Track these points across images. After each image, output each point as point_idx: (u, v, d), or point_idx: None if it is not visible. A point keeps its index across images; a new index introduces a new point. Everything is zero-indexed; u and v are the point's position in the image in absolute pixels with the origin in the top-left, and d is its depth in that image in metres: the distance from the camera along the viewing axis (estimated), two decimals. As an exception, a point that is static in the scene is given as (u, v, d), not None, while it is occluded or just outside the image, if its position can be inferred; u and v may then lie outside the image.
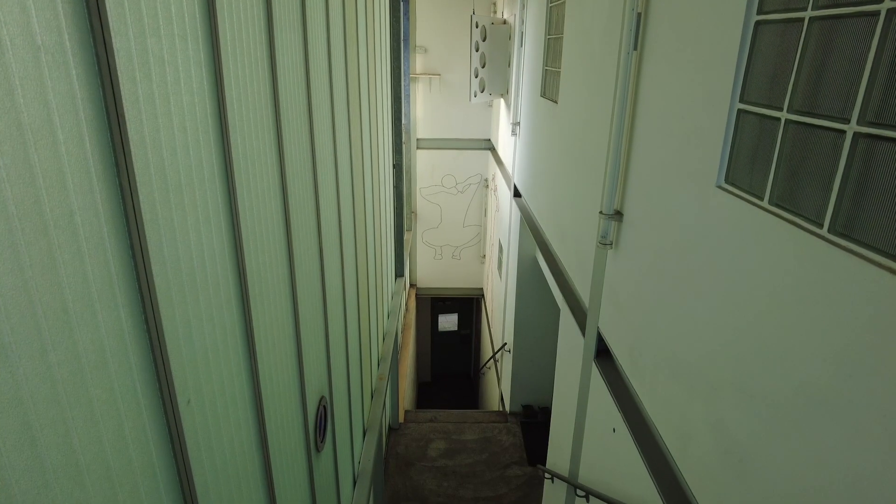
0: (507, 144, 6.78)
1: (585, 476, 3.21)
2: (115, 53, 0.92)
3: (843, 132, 1.19)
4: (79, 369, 0.86)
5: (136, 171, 1.00)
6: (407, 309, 8.90)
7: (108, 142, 0.93)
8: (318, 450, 2.58)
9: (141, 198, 1.02)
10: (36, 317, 0.77)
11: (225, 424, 1.47)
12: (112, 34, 0.91)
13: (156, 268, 1.08)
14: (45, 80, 0.77)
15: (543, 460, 5.11)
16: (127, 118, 0.97)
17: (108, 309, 0.94)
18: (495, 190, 8.46)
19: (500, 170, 7.62)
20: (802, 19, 1.32)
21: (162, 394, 1.14)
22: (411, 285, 10.18)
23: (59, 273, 0.81)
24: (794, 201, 1.36)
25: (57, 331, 0.81)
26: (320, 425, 2.62)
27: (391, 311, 6.03)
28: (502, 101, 7.42)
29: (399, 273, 6.87)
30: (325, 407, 2.69)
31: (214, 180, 1.37)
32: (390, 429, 6.41)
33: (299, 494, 2.27)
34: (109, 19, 0.90)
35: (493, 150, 8.91)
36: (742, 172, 1.60)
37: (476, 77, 6.80)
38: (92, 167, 0.89)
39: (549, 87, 4.50)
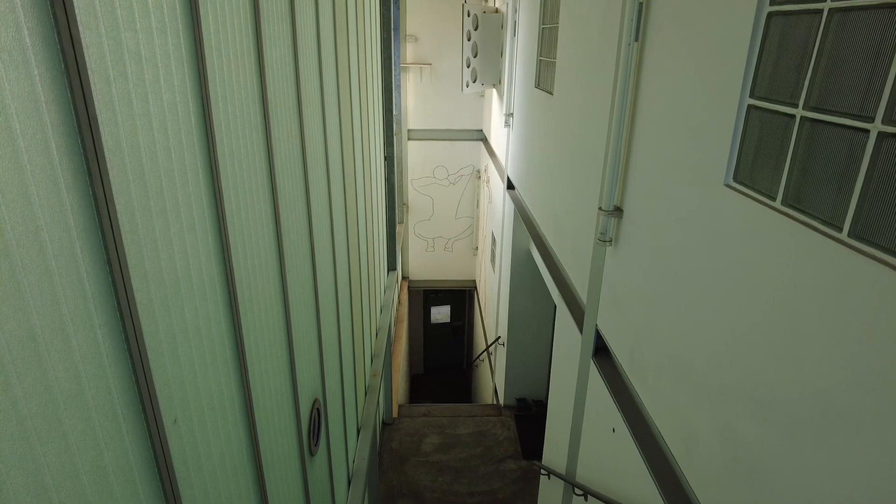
0: (500, 135, 6.69)
1: (583, 475, 3.17)
2: (85, 50, 0.83)
3: (866, 131, 1.13)
4: (50, 400, 0.78)
5: (111, 178, 0.92)
6: (399, 302, 8.83)
7: (78, 148, 0.84)
8: (311, 454, 2.51)
9: (118, 207, 0.94)
10: (-2, 348, 0.69)
11: (215, 440, 1.40)
12: (80, 28, 0.82)
13: (136, 282, 1.00)
14: (2, 83, 0.68)
15: (538, 454, 5.09)
16: (100, 121, 0.88)
17: (83, 331, 0.86)
18: (488, 181, 8.38)
19: (493, 161, 7.54)
20: (821, 11, 1.26)
21: (146, 415, 1.06)
22: (403, 278, 10.10)
23: (23, 297, 0.73)
24: (810, 203, 1.30)
25: (23, 361, 0.73)
26: (314, 429, 2.55)
27: (384, 306, 5.96)
28: (494, 91, 7.32)
29: (391, 267, 6.79)
30: (318, 410, 2.62)
31: (199, 183, 1.29)
32: (384, 424, 6.36)
33: (294, 501, 2.21)
34: (77, 11, 0.81)
35: (485, 140, 8.82)
36: (752, 171, 1.53)
37: (468, 67, 6.69)
38: (60, 177, 0.80)
39: (543, 78, 4.42)
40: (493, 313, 7.65)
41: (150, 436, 1.08)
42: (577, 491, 3.14)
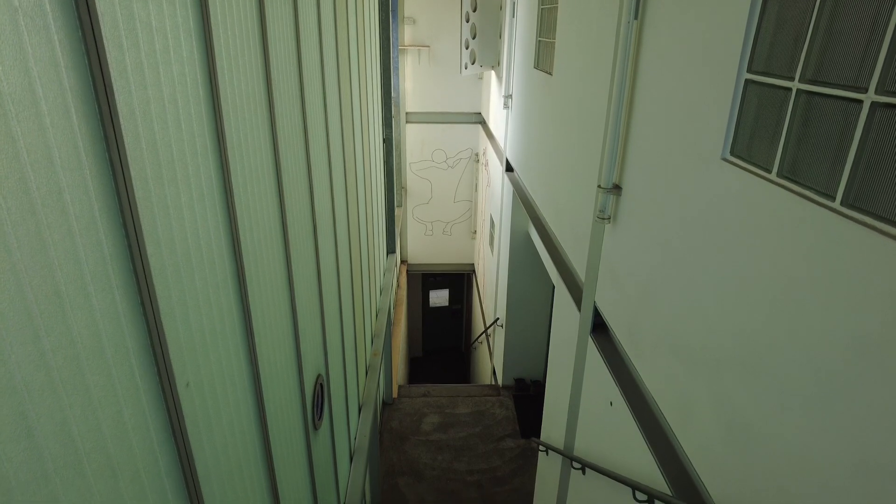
0: (499, 118, 6.68)
1: (581, 449, 3.24)
2: (100, 18, 0.85)
3: (859, 101, 1.15)
4: (74, 355, 0.82)
5: (126, 145, 0.94)
6: (398, 285, 8.88)
7: (95, 114, 0.87)
8: (315, 428, 2.57)
9: (132, 173, 0.97)
10: (26, 301, 0.72)
11: (224, 406, 1.44)
12: (95, -4, 0.84)
13: (150, 247, 1.03)
14: (25, 46, 0.71)
15: (536, 433, 5.18)
16: (115, 89, 0.90)
17: (102, 291, 0.89)
18: (486, 164, 8.38)
19: (492, 143, 7.53)
20: (818, -16, 1.28)
21: (160, 377, 1.10)
22: (402, 262, 10.14)
23: (49, 254, 0.76)
24: (805, 174, 1.34)
25: (49, 315, 0.76)
26: (317, 404, 2.60)
27: (383, 288, 6.01)
28: (493, 73, 7.29)
29: (390, 249, 6.82)
30: (321, 385, 2.68)
31: (207, 155, 1.31)
32: (384, 404, 6.45)
33: (298, 473, 2.27)
34: (92, -21, 0.83)
35: (483, 123, 8.80)
36: (749, 144, 1.56)
37: (467, 49, 6.66)
38: (80, 141, 0.83)
39: (542, 59, 4.41)
40: (492, 295, 7.71)
41: (164, 397, 1.12)
42: (576, 465, 3.22)
